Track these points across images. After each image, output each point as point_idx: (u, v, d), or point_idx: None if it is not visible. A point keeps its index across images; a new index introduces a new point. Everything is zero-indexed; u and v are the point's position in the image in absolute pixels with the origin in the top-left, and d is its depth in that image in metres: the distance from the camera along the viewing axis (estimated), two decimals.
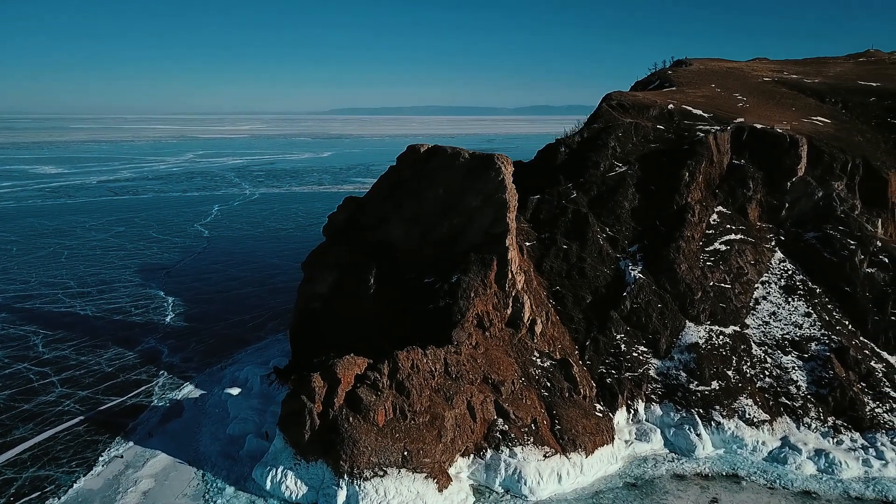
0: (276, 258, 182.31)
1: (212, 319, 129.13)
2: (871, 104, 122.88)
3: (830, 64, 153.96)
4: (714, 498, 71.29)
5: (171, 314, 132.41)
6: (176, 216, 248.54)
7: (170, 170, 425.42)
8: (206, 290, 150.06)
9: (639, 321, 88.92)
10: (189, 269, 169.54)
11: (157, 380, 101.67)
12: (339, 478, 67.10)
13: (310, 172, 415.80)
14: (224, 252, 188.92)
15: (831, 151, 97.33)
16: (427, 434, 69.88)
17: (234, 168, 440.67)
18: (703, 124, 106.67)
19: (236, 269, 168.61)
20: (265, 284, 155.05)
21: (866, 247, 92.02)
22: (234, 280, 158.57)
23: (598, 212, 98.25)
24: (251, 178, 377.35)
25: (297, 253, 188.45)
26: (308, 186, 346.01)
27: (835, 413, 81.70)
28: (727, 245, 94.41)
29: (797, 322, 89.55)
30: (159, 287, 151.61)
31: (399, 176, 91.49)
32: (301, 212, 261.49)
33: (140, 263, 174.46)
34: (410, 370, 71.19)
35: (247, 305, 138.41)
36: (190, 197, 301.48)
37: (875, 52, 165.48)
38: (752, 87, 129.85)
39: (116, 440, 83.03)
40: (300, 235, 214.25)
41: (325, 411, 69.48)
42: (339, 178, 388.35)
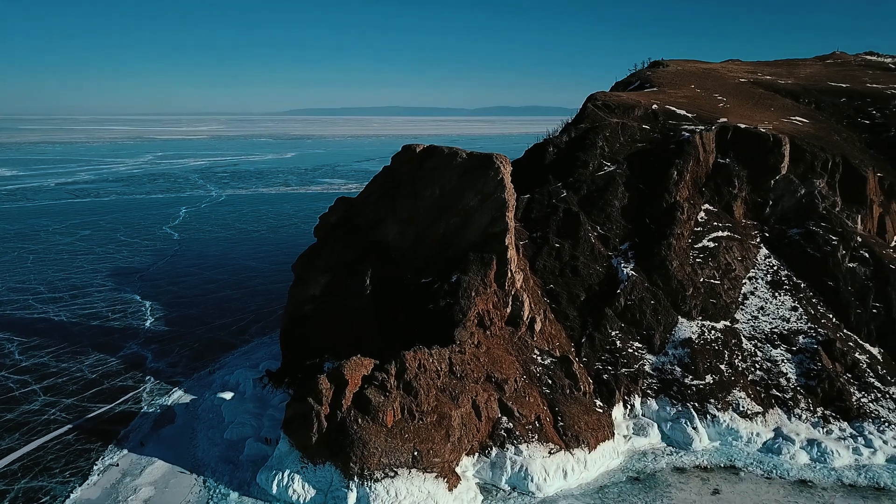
0: (251, 260, 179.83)
1: (193, 323, 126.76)
2: (842, 104, 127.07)
3: (800, 65, 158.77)
4: (715, 489, 72.84)
5: (151, 318, 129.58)
6: (143, 219, 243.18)
7: (130, 172, 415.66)
8: (183, 293, 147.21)
9: (633, 318, 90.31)
10: (163, 272, 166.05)
11: (144, 385, 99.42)
12: (349, 480, 66.60)
13: (275, 173, 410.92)
14: (197, 255, 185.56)
15: (812, 150, 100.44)
16: (435, 434, 69.86)
17: (197, 169, 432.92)
18: (687, 124, 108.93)
19: (212, 272, 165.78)
20: (243, 287, 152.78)
21: (847, 242, 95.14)
22: (212, 283, 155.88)
23: (588, 210, 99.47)
24: (216, 180, 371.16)
25: (273, 255, 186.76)
26: (275, 188, 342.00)
27: (823, 404, 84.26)
28: (715, 242, 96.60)
29: (784, 316, 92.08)
30: (134, 291, 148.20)
31: (394, 176, 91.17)
32: (271, 213, 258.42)
33: (111, 267, 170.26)
34: (418, 370, 71.07)
35: (227, 308, 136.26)
36: (155, 199, 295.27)
37: (841, 55, 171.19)
38: (731, 88, 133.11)
39: (109, 448, 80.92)
40: (273, 237, 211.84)
41: (333, 413, 68.89)
42: (306, 179, 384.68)
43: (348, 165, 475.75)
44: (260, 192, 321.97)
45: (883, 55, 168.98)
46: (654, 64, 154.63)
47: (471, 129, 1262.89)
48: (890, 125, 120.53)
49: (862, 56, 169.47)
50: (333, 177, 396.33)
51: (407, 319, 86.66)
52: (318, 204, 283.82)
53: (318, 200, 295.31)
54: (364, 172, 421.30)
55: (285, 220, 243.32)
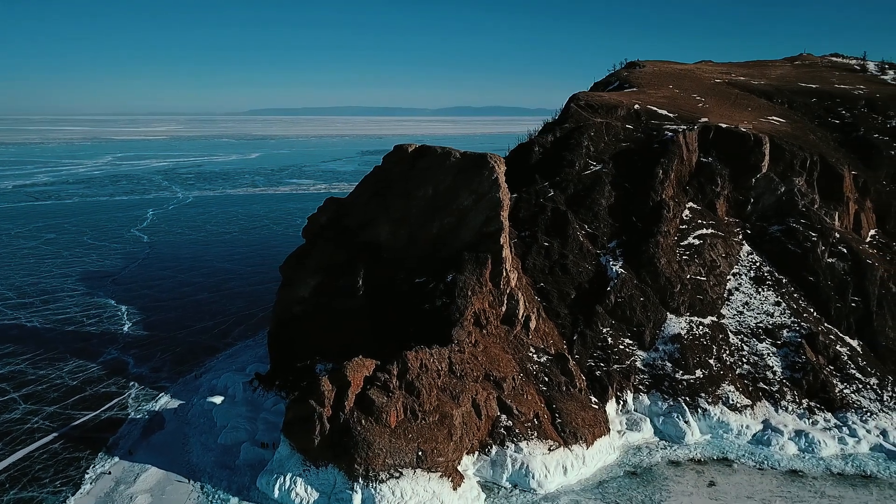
0: (226, 262, 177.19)
1: (173, 327, 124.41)
2: (813, 105, 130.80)
3: (771, 66, 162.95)
4: (711, 481, 74.36)
5: (128, 323, 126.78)
6: (109, 221, 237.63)
7: (90, 173, 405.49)
8: (159, 297, 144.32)
9: (623, 314, 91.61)
10: (136, 275, 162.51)
11: (128, 391, 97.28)
12: (354, 481, 66.22)
13: (241, 174, 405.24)
14: (170, 258, 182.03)
15: (791, 149, 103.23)
16: (438, 433, 69.91)
17: (160, 171, 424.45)
18: (669, 124, 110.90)
19: (187, 275, 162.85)
20: (220, 290, 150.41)
21: (826, 238, 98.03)
22: (187, 286, 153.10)
23: (576, 209, 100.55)
24: (181, 181, 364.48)
25: (247, 257, 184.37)
26: (242, 189, 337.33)
27: (808, 395, 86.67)
28: (700, 239, 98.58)
29: (768, 311, 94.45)
30: (108, 295, 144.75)
31: (385, 176, 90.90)
32: (241, 215, 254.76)
33: (81, 271, 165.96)
34: (420, 370, 71.03)
35: (206, 312, 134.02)
36: (119, 201, 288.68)
37: (808, 56, 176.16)
38: (708, 89, 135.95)
39: (99, 456, 78.98)
40: (246, 239, 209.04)
41: (335, 415, 68.36)
42: (273, 179, 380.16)
43: (315, 166, 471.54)
44: (227, 194, 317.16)
45: (847, 57, 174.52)
46: (630, 65, 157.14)
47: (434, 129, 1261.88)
48: (859, 125, 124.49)
49: (828, 58, 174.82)
50: (301, 177, 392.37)
51: (400, 319, 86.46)
52: (288, 205, 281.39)
53: (287, 201, 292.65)
54: (332, 173, 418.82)
55: (256, 222, 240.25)
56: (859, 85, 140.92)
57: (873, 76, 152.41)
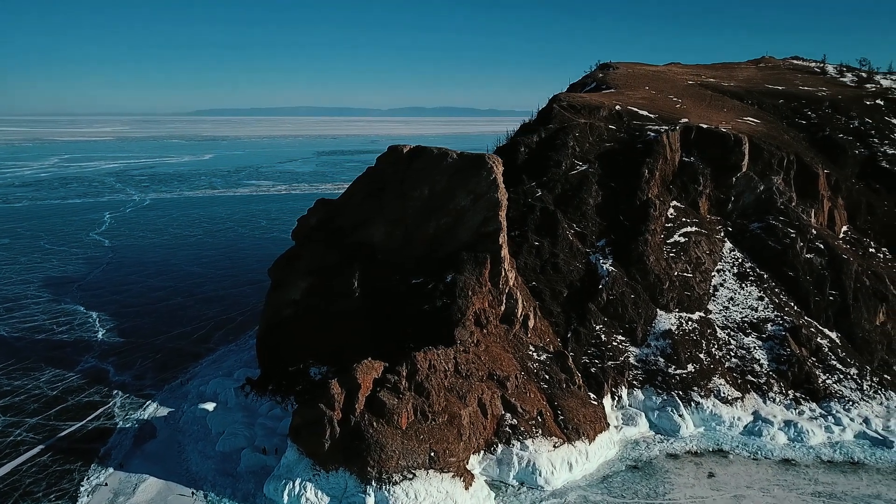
0: (195, 266, 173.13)
1: (150, 333, 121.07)
2: (781, 106, 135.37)
3: (737, 69, 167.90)
4: (710, 472, 76.30)
5: (102, 330, 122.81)
6: (65, 225, 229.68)
7: (37, 176, 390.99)
8: (130, 302, 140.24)
9: (615, 312, 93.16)
10: (102, 281, 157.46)
11: (112, 400, 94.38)
12: (366, 484, 65.73)
13: (197, 176, 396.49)
14: (136, 262, 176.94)
15: (769, 149, 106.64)
16: (448, 433, 69.94)
17: (112, 173, 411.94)
18: (651, 124, 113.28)
19: (156, 280, 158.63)
20: (194, 294, 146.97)
21: (804, 235, 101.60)
22: (158, 291, 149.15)
23: (564, 209, 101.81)
24: (135, 184, 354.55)
25: (216, 260, 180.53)
26: (201, 190, 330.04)
27: (794, 386, 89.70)
28: (685, 237, 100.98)
29: (752, 306, 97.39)
30: (76, 302, 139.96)
31: (379, 177, 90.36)
32: (203, 217, 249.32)
33: (42, 277, 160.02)
34: (428, 371, 70.92)
35: (182, 317, 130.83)
36: (73, 204, 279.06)
37: (770, 59, 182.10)
38: (682, 90, 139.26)
39: (92, 467, 76.48)
40: (213, 242, 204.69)
41: (346, 418, 67.74)
42: (231, 181, 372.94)
43: (272, 167, 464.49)
44: (186, 196, 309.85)
45: (807, 60, 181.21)
46: (603, 66, 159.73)
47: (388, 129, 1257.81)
48: (824, 125, 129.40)
49: (789, 60, 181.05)
50: (259, 178, 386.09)
51: (398, 320, 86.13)
52: (250, 207, 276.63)
53: (249, 203, 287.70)
54: (290, 174, 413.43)
55: (220, 224, 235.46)
56: (822, 87, 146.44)
57: (833, 78, 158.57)
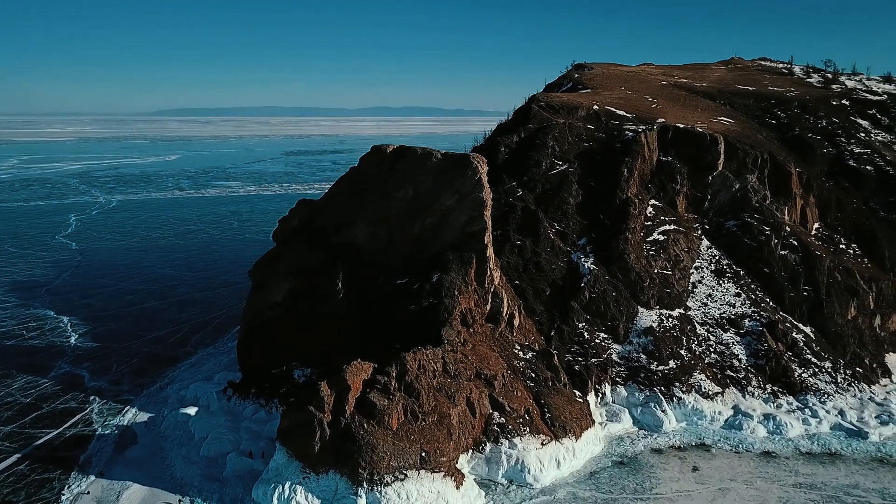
0: (167, 269, 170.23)
1: (124, 338, 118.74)
2: (752, 106, 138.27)
3: (708, 69, 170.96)
4: (694, 466, 77.62)
5: (74, 335, 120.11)
6: (29, 228, 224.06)
7: None
8: (102, 306, 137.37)
9: (597, 310, 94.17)
10: (72, 285, 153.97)
11: (90, 406, 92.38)
12: (358, 486, 65.45)
13: (164, 177, 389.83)
14: (105, 265, 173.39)
15: (744, 148, 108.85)
16: (438, 433, 70.00)
17: (75, 174, 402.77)
18: (629, 124, 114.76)
19: (128, 283, 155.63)
20: (168, 297, 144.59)
21: (778, 232, 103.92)
22: (131, 294, 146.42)
23: (545, 208, 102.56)
24: (100, 185, 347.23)
25: (189, 262, 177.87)
26: (169, 192, 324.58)
27: (772, 381, 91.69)
28: (664, 235, 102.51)
29: (730, 302, 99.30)
30: (45, 306, 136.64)
31: (362, 177, 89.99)
32: (173, 219, 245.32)
33: (8, 281, 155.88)
34: (418, 371, 70.90)
35: (157, 320, 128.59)
36: (36, 207, 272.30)
37: (739, 60, 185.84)
38: (657, 90, 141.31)
39: (73, 476, 74.72)
40: (184, 244, 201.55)
41: (336, 420, 67.36)
42: (199, 182, 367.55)
43: (240, 167, 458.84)
44: (153, 197, 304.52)
45: (775, 61, 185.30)
46: (578, 66, 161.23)
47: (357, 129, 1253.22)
48: (794, 125, 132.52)
49: (757, 61, 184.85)
50: (228, 179, 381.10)
51: (383, 321, 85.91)
52: (220, 208, 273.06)
53: (219, 204, 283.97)
54: (259, 174, 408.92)
55: (191, 226, 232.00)
56: (790, 87, 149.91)
57: (800, 79, 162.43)
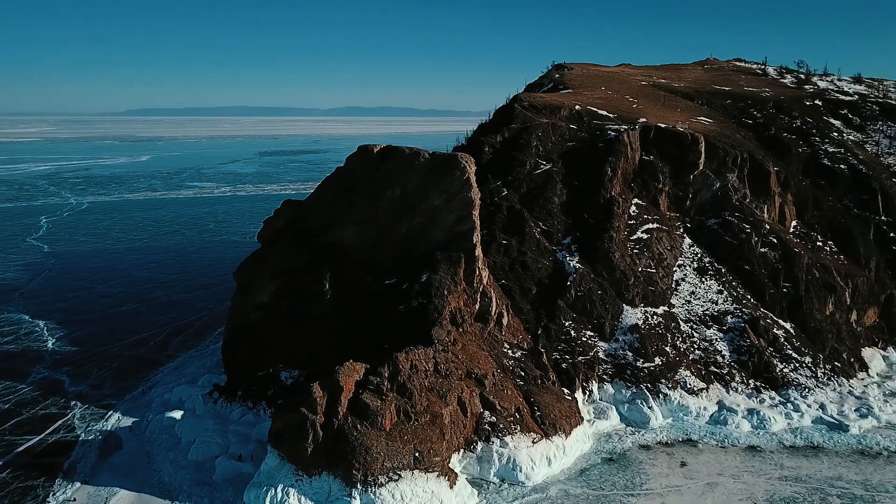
0: (144, 271, 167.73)
1: (104, 341, 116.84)
2: (728, 106, 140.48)
3: (684, 70, 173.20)
4: (682, 462, 78.64)
5: (51, 339, 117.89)
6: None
7: None
8: (79, 310, 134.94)
9: (583, 308, 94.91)
10: (46, 288, 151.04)
11: (71, 412, 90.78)
12: (352, 487, 65.18)
13: (136, 178, 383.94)
14: (80, 268, 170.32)
15: (724, 147, 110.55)
16: (431, 433, 69.99)
17: (43, 175, 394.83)
18: (611, 124, 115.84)
19: (104, 286, 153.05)
20: (146, 300, 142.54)
21: (758, 230, 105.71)
22: (107, 297, 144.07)
23: (530, 207, 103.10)
24: (69, 186, 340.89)
25: (166, 264, 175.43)
26: (142, 193, 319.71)
27: (754, 376, 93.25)
28: (647, 233, 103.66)
29: (713, 299, 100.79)
30: (19, 310, 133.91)
31: (349, 177, 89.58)
32: (148, 221, 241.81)
33: None
34: (410, 371, 70.82)
35: (137, 324, 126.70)
36: (4, 209, 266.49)
37: (715, 61, 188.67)
38: (637, 90, 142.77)
39: (57, 483, 73.36)
40: (160, 246, 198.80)
41: (329, 422, 67.00)
42: (172, 183, 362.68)
43: (213, 168, 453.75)
44: (126, 199, 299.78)
45: (749, 62, 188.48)
46: (558, 66, 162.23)
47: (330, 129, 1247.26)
48: (769, 125, 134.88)
49: (733, 62, 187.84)
50: (202, 180, 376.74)
51: (372, 321, 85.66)
52: (195, 209, 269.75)
53: (193, 206, 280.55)
54: (234, 175, 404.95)
55: (166, 227, 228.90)
56: (765, 88, 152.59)
57: (774, 80, 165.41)
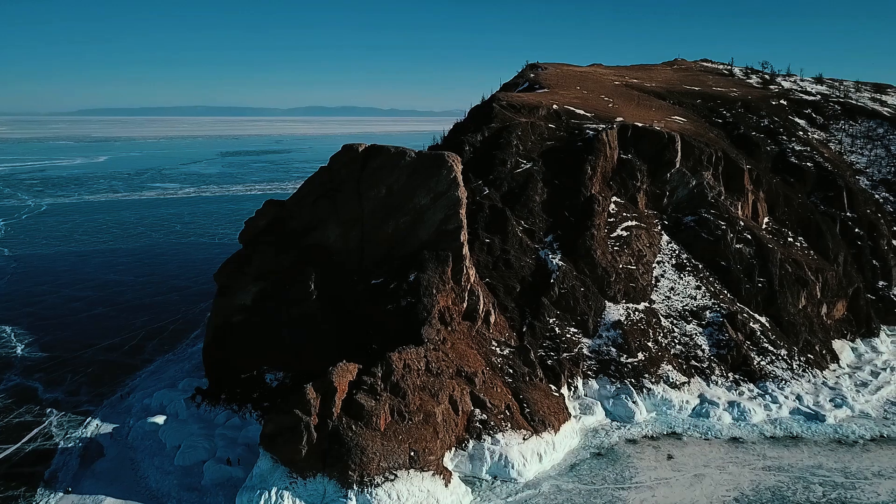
0: (112, 274, 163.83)
1: (75, 346, 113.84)
2: (699, 105, 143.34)
3: (654, 70, 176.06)
4: (669, 455, 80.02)
5: (21, 345, 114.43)
6: None
7: None
8: (46, 314, 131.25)
9: (567, 305, 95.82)
10: (10, 293, 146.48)
11: (47, 419, 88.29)
12: (348, 489, 64.72)
13: (95, 179, 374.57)
14: (44, 271, 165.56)
15: (699, 146, 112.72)
16: (425, 432, 69.99)
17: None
18: (589, 123, 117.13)
19: (71, 290, 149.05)
20: (116, 303, 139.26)
21: (733, 226, 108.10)
22: (76, 301, 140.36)
23: (512, 206, 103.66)
24: (25, 188, 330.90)
25: (134, 267, 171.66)
26: (102, 195, 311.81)
27: (733, 369, 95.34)
28: (627, 231, 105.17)
29: (691, 294, 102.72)
30: None
31: (334, 177, 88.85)
32: (111, 223, 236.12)
33: None
34: (403, 370, 70.64)
35: (108, 328, 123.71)
36: None
37: (682, 61, 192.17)
38: (611, 90, 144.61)
39: (39, 492, 71.40)
40: (127, 248, 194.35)
41: (323, 423, 66.44)
42: (134, 184, 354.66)
43: (175, 169, 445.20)
44: (87, 201, 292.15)
45: (716, 62, 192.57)
46: (532, 66, 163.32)
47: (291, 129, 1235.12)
48: (739, 124, 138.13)
49: (700, 63, 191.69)
50: (164, 181, 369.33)
51: (359, 322, 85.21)
52: (159, 210, 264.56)
53: (158, 207, 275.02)
54: (197, 176, 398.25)
55: (131, 230, 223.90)
56: (733, 88, 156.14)
57: (741, 80, 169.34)
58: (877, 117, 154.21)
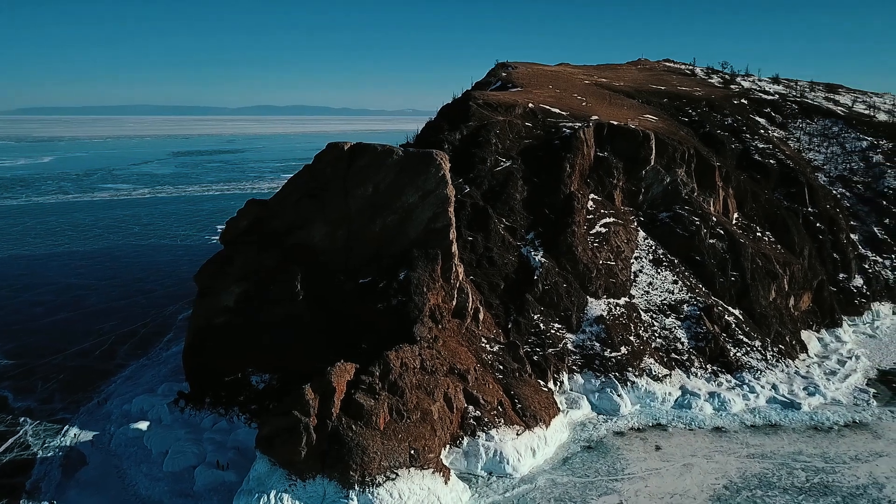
0: (72, 278, 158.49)
1: (43, 353, 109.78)
2: (666, 104, 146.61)
3: (621, 69, 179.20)
4: (657, 446, 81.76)
5: None
6: None
7: None
8: (8, 320, 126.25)
9: (550, 301, 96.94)
10: None
11: (22, 429, 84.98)
12: (349, 489, 64.26)
13: (42, 180, 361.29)
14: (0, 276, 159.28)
15: (672, 143, 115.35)
16: (423, 430, 69.98)
17: None
18: (565, 121, 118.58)
19: (30, 295, 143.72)
20: (80, 308, 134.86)
21: (707, 222, 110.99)
22: (38, 306, 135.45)
23: (493, 204, 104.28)
24: None
25: (95, 269, 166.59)
26: (52, 196, 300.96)
27: (711, 361, 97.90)
28: (605, 227, 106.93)
29: (669, 289, 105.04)
30: None
31: (318, 175, 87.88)
32: (65, 225, 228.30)
33: None
34: (401, 369, 70.44)
35: (75, 333, 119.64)
36: None
37: (646, 61, 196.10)
38: (582, 89, 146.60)
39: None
40: (85, 251, 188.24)
41: (322, 424, 65.79)
42: (85, 185, 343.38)
43: (126, 169, 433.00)
44: (36, 202, 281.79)
45: (678, 62, 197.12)
46: (502, 65, 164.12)
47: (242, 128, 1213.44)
48: (704, 122, 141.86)
49: (663, 63, 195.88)
50: (116, 182, 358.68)
51: (347, 321, 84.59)
52: (115, 212, 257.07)
53: (113, 208, 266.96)
54: (150, 176, 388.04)
55: (87, 232, 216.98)
56: (696, 87, 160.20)
57: (703, 80, 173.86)
58: (832, 116, 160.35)
